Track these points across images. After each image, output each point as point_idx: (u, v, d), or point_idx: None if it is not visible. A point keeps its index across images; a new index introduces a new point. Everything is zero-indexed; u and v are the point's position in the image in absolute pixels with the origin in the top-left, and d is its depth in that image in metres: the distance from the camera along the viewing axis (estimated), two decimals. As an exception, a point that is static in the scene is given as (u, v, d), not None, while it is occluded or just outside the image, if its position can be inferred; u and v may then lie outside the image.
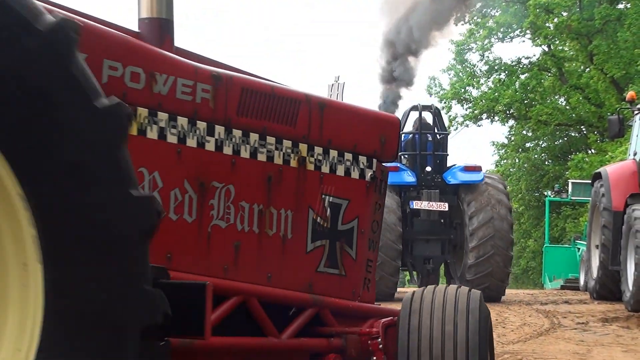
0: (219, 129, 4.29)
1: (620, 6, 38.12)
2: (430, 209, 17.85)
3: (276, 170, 4.54)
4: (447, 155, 18.72)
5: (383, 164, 5.12)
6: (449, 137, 19.57)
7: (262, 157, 4.48)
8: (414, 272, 19.17)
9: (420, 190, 18.02)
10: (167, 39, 4.43)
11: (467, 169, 17.75)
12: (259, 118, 4.46)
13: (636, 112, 18.13)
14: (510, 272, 17.88)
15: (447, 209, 17.84)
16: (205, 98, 4.23)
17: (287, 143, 4.59)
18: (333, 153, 4.82)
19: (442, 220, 18.30)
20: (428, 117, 19.06)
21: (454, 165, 18.27)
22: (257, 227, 4.46)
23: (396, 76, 23.74)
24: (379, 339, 4.73)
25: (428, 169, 18.39)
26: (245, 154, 4.40)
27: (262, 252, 4.48)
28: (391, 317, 4.83)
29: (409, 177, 17.88)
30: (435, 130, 18.89)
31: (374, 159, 5.02)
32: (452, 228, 18.20)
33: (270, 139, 4.52)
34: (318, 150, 4.74)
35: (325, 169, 4.78)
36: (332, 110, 4.84)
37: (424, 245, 18.29)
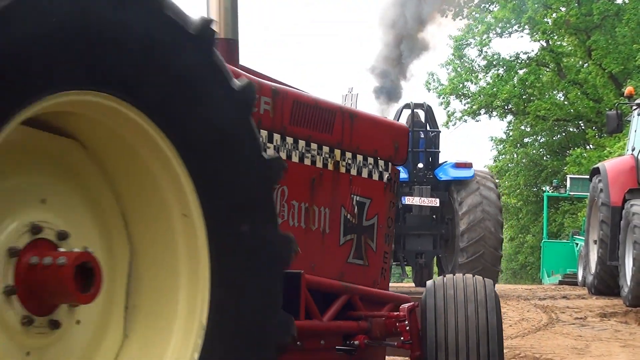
0: (276, 137, 4.95)
1: (619, 1, 38.06)
2: (422, 204, 18.02)
3: (317, 173, 5.23)
4: (439, 152, 18.87)
5: (396, 166, 5.90)
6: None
7: (307, 162, 5.15)
8: (407, 267, 19.11)
9: (412, 186, 18.16)
10: (234, 57, 5.00)
11: (458, 165, 17.88)
12: (305, 127, 5.12)
13: (634, 107, 18.15)
14: (502, 239, 17.82)
15: (438, 204, 17.98)
16: (267, 109, 4.87)
17: (325, 149, 5.27)
18: (359, 158, 5.54)
19: (433, 216, 18.44)
20: (420, 114, 19.04)
21: (446, 162, 18.37)
22: (304, 223, 5.13)
23: (405, 62, 23.56)
24: (406, 321, 5.31)
25: (420, 165, 18.56)
26: (295, 158, 5.07)
27: (308, 245, 5.12)
28: (413, 303, 5.42)
29: (401, 174, 17.75)
30: (427, 128, 18.97)
31: (389, 163, 5.82)
32: (444, 223, 18.27)
33: (314, 145, 5.19)
34: (348, 155, 5.44)
35: (354, 171, 5.50)
36: (360, 120, 5.55)
37: (416, 240, 18.37)
